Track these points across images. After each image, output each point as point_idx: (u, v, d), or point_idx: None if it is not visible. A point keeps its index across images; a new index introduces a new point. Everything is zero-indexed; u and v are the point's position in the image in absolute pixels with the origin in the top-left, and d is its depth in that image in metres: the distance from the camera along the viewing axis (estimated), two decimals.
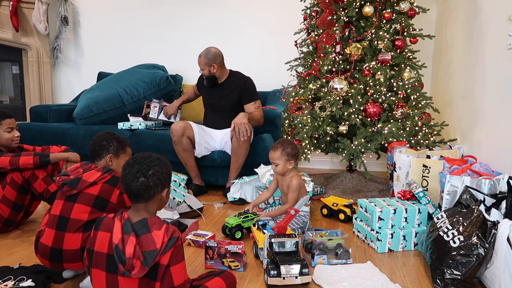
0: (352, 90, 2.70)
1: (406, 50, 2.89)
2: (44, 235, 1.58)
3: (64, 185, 1.58)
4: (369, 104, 2.71)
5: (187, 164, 2.96)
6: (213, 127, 3.08)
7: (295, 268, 1.59)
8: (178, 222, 2.17)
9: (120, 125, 3.32)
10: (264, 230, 1.88)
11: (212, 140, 3.03)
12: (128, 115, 3.47)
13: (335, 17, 2.81)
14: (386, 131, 2.64)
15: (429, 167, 2.25)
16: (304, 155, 2.91)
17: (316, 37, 3.00)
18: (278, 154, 2.17)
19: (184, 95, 3.45)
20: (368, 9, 2.73)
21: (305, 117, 2.82)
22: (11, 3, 3.88)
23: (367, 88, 2.73)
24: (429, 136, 2.79)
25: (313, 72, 2.97)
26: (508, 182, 1.74)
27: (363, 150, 2.64)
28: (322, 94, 2.81)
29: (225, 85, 3.04)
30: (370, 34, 2.76)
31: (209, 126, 3.09)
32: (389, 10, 2.78)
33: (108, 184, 1.60)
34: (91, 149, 1.72)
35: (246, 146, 2.84)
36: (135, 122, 3.32)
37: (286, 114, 3.18)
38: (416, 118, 2.72)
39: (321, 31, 2.93)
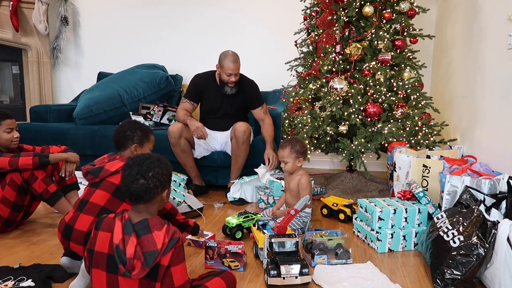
0: (352, 90, 2.70)
1: (406, 50, 2.89)
2: (67, 213, 1.66)
3: (88, 173, 1.65)
4: (369, 104, 2.71)
5: (186, 165, 2.95)
6: (215, 129, 3.00)
7: (295, 268, 1.59)
8: None
9: None
10: (264, 230, 1.88)
11: (213, 141, 2.99)
12: (130, 113, 3.47)
13: (335, 17, 2.81)
14: (386, 131, 2.64)
15: (429, 167, 2.25)
16: None
17: (316, 37, 3.00)
18: (287, 152, 2.20)
19: (188, 116, 2.94)
20: (368, 9, 2.73)
21: (305, 117, 2.82)
22: (11, 3, 3.88)
23: (367, 88, 2.73)
24: (429, 136, 2.79)
25: (313, 72, 2.97)
26: (508, 182, 1.74)
27: (363, 150, 2.64)
28: (322, 94, 2.81)
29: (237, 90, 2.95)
30: (370, 34, 2.76)
31: (210, 128, 2.99)
32: (389, 10, 2.78)
33: None
34: (115, 139, 1.77)
35: (245, 147, 2.84)
36: None
37: (286, 114, 3.18)
38: (416, 118, 2.72)
39: (321, 31, 2.93)
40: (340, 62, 2.83)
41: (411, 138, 2.73)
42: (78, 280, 1.53)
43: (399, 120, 2.72)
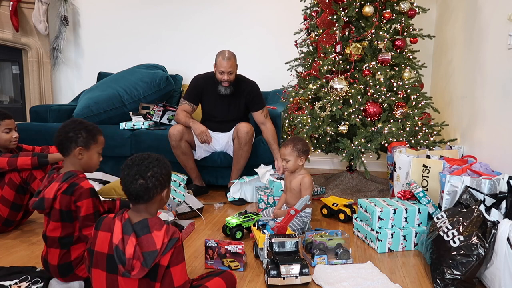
0: (352, 90, 2.70)
1: (406, 50, 2.89)
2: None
3: (35, 209, 1.55)
4: (369, 104, 2.71)
5: (187, 167, 2.94)
6: (216, 131, 2.98)
7: (295, 268, 1.59)
8: (174, 223, 2.16)
9: (123, 125, 3.31)
10: (264, 230, 1.88)
11: (214, 142, 2.97)
12: (130, 113, 3.47)
13: (335, 17, 2.81)
14: (386, 131, 2.64)
15: (429, 167, 2.25)
16: None
17: (316, 37, 3.00)
18: (289, 150, 2.22)
19: (190, 118, 2.90)
20: (368, 9, 2.73)
21: (305, 117, 2.82)
22: (11, 3, 3.88)
23: (367, 88, 2.73)
24: (429, 136, 2.78)
25: (313, 72, 2.97)
26: (508, 182, 1.74)
27: (363, 150, 2.64)
28: (322, 94, 2.81)
29: (233, 92, 2.89)
30: (370, 34, 2.76)
31: (212, 130, 2.95)
32: (389, 10, 2.78)
33: (65, 195, 1.51)
34: (56, 141, 1.60)
35: (248, 148, 2.83)
36: (138, 122, 3.32)
37: (286, 114, 3.17)
38: (416, 118, 2.72)
39: (321, 31, 2.93)
40: (340, 62, 2.83)
41: (411, 138, 2.73)
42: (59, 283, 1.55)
43: (399, 120, 2.72)
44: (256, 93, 2.95)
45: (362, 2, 2.77)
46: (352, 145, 2.66)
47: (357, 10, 2.75)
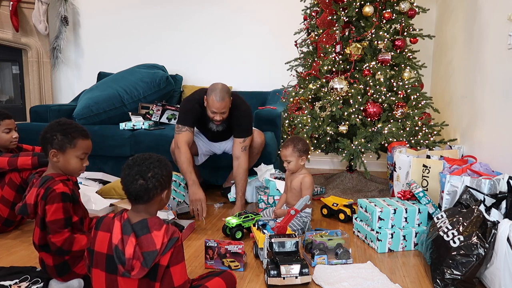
0: (352, 90, 2.70)
1: (406, 50, 2.89)
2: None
3: (21, 215, 1.54)
4: (369, 104, 2.71)
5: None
6: (216, 141, 2.82)
7: (295, 268, 1.59)
8: (174, 223, 2.16)
9: (122, 125, 3.31)
10: (264, 230, 1.88)
11: (214, 148, 2.89)
12: (130, 113, 3.47)
13: (335, 17, 2.81)
14: (386, 131, 2.64)
15: (429, 167, 2.25)
16: None
17: (316, 37, 3.00)
18: (289, 151, 2.21)
19: (192, 173, 2.43)
20: (368, 9, 2.73)
21: (305, 117, 2.82)
22: (11, 3, 3.89)
23: (367, 88, 2.73)
24: (429, 136, 2.79)
25: (313, 72, 2.97)
26: (508, 182, 1.74)
27: (363, 150, 2.64)
28: (322, 94, 2.81)
29: (225, 129, 2.62)
30: (370, 34, 2.76)
31: (211, 140, 2.81)
32: (389, 10, 2.78)
33: (42, 201, 1.48)
34: (39, 142, 1.60)
35: (257, 157, 2.78)
36: (138, 122, 3.32)
37: (286, 114, 3.17)
38: (416, 118, 2.72)
39: (321, 31, 2.93)
40: (340, 62, 2.83)
41: (411, 138, 2.73)
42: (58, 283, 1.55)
43: (399, 120, 2.72)
44: (243, 120, 2.55)
45: (362, 2, 2.77)
46: (352, 145, 2.66)
47: (357, 10, 2.75)
